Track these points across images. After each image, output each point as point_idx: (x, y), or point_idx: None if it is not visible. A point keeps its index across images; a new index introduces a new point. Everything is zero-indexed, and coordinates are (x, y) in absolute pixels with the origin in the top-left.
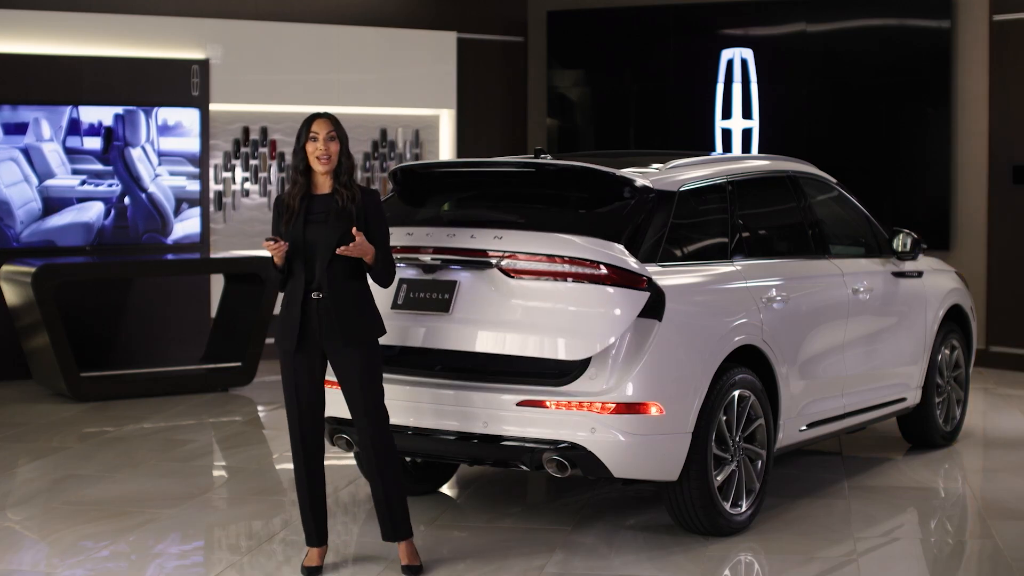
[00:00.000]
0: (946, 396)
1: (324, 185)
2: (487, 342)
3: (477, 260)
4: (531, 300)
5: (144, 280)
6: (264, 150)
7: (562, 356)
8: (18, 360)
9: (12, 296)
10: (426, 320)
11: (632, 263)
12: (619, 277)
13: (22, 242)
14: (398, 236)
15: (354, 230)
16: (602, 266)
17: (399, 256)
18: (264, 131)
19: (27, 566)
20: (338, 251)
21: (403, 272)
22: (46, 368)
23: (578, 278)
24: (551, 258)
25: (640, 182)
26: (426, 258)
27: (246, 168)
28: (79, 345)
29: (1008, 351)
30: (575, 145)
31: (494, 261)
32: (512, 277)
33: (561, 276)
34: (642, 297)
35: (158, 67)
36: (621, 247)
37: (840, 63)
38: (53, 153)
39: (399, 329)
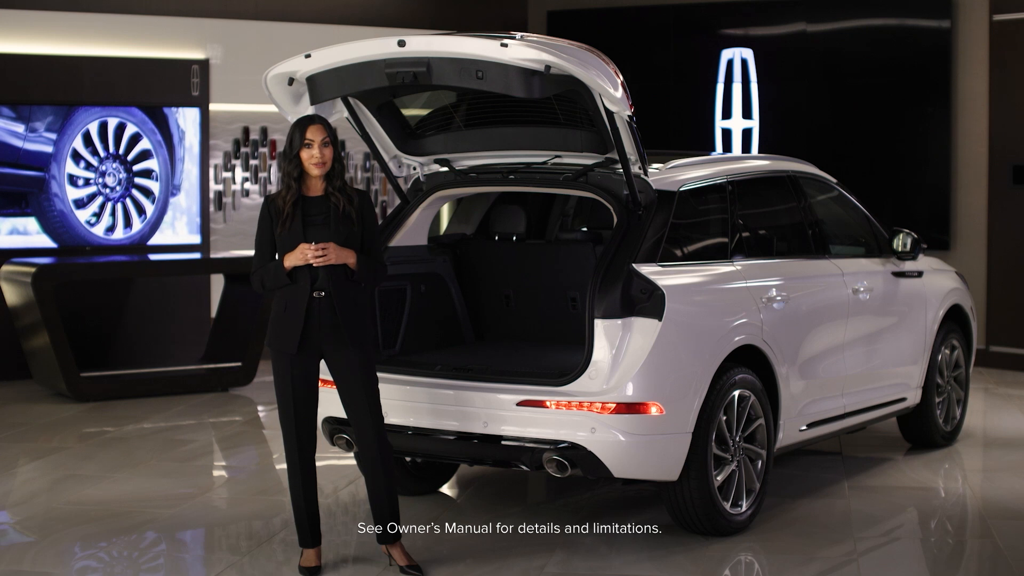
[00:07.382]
0: (946, 396)
1: (316, 187)
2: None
3: None
4: None
5: (144, 280)
6: (264, 150)
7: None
8: (18, 360)
9: (12, 296)
10: None
11: None
12: None
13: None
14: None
15: (318, 245)
16: None
17: None
18: (264, 131)
19: (27, 566)
20: (315, 262)
21: None
22: (46, 368)
23: None
24: None
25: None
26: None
27: (246, 168)
28: (79, 345)
29: (1008, 351)
30: None
31: None
32: None
33: None
34: None
35: (158, 67)
36: None
37: (840, 63)
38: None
39: None
